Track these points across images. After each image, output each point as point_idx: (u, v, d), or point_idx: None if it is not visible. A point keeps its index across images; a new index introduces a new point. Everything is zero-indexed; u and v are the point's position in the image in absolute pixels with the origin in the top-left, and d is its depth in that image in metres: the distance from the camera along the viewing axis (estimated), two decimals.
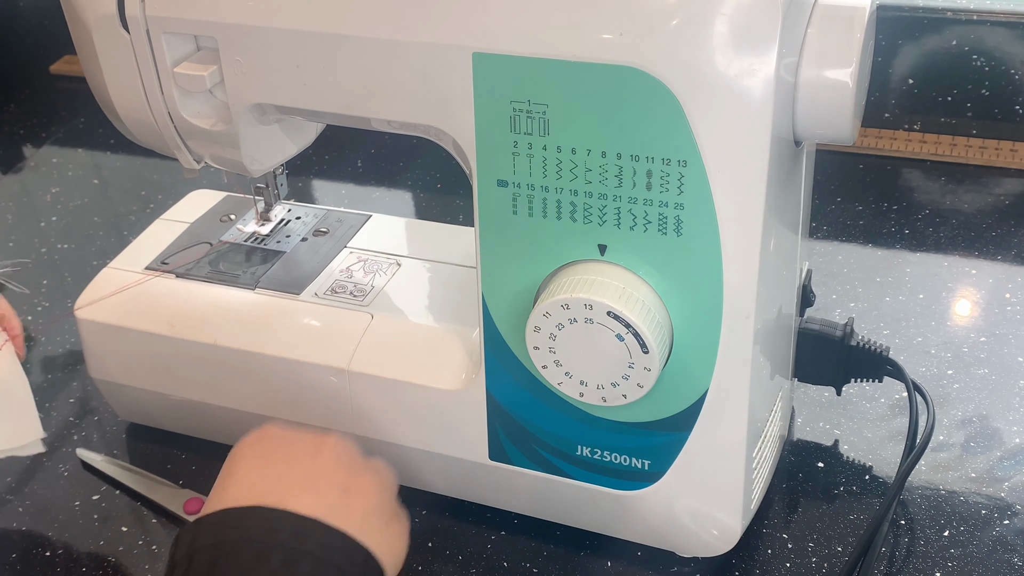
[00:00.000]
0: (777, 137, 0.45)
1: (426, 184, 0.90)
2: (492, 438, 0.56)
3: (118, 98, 0.56)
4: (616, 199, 0.47)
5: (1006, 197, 0.84)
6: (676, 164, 0.45)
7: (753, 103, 0.43)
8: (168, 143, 0.57)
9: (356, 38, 0.49)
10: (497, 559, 0.58)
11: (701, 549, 0.56)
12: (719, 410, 0.51)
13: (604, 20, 0.44)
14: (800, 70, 0.45)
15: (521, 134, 0.47)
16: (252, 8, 0.50)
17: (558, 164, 0.47)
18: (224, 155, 0.57)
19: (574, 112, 0.46)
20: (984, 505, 0.59)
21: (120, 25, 0.53)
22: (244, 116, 0.54)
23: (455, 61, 0.47)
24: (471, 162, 0.49)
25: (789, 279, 0.56)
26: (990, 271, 0.77)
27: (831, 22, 0.46)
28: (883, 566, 0.56)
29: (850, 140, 0.47)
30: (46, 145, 1.02)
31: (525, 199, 0.49)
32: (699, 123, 0.44)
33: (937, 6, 0.87)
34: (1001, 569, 0.55)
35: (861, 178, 0.88)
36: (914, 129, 0.91)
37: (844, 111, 0.46)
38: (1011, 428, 0.64)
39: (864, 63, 0.46)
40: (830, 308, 0.74)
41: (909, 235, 0.81)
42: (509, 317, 0.52)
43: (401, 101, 0.49)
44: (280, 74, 0.51)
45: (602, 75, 0.44)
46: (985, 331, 0.71)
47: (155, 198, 0.92)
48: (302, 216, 0.69)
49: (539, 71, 0.45)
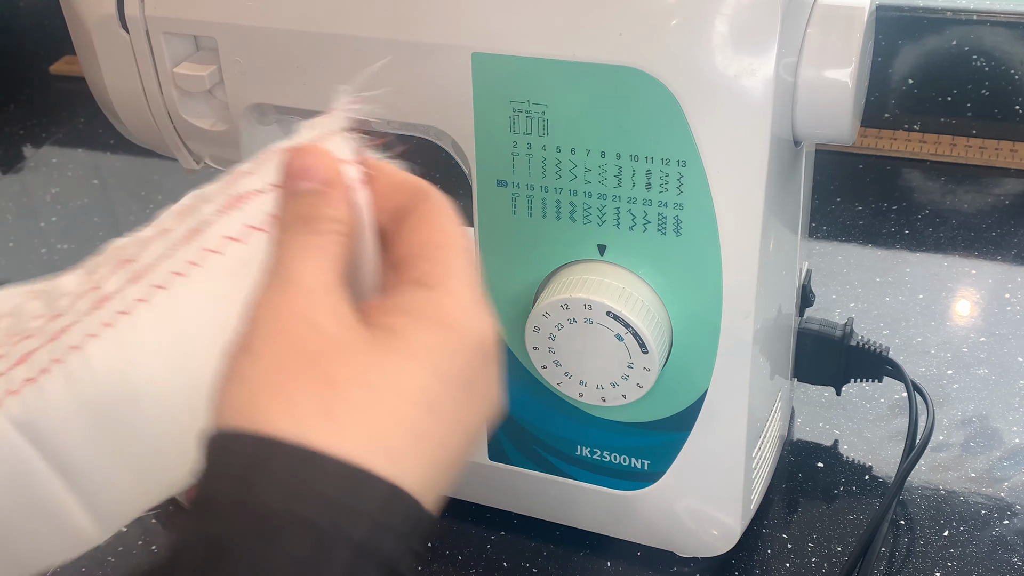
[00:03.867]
0: (777, 137, 0.45)
1: None
2: (491, 438, 0.56)
3: (117, 98, 0.56)
4: (615, 199, 0.47)
5: (1006, 197, 0.84)
6: (675, 164, 0.45)
7: (752, 103, 0.43)
8: (168, 143, 0.57)
9: (355, 38, 0.49)
10: (497, 559, 0.58)
11: (701, 549, 0.56)
12: (719, 410, 0.50)
13: (603, 20, 0.44)
14: (799, 70, 0.45)
15: (520, 134, 0.47)
16: (252, 8, 0.50)
17: (557, 164, 0.47)
18: (224, 155, 0.57)
19: (573, 112, 0.46)
20: (984, 505, 0.59)
21: (120, 25, 0.53)
22: (244, 116, 0.54)
23: (454, 61, 0.47)
24: (470, 162, 0.49)
25: (789, 279, 0.56)
26: (990, 271, 0.77)
27: (830, 22, 0.46)
28: (883, 566, 0.56)
29: (850, 140, 0.47)
30: (46, 145, 1.02)
31: (524, 199, 0.49)
32: (698, 123, 0.44)
33: (937, 6, 0.87)
34: (1001, 569, 0.55)
35: (861, 178, 0.88)
36: (914, 129, 0.91)
37: (843, 111, 0.46)
38: (1011, 428, 0.64)
39: (864, 63, 0.46)
40: (830, 308, 0.74)
41: (909, 235, 0.81)
42: (508, 317, 0.52)
43: (400, 101, 0.49)
44: (280, 74, 0.51)
45: (601, 75, 0.44)
46: (985, 331, 0.71)
47: (155, 198, 0.92)
48: None
49: (538, 71, 0.45)
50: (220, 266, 0.33)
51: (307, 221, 0.32)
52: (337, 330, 0.30)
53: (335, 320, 0.30)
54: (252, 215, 0.34)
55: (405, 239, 0.34)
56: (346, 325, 0.30)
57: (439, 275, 0.32)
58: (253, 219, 0.34)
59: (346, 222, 0.33)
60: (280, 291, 0.31)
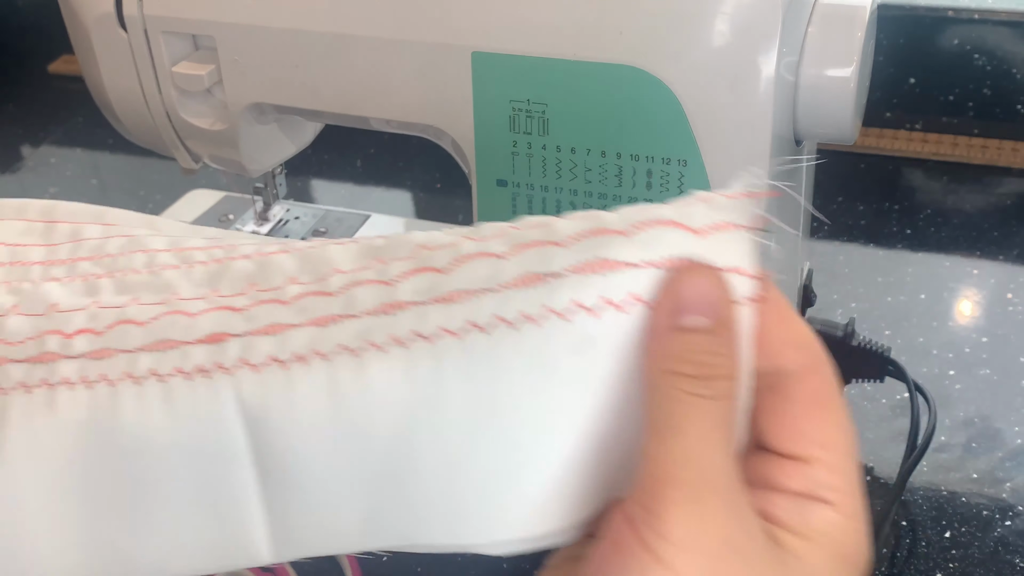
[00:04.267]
0: (778, 136, 0.45)
1: (425, 184, 0.90)
2: None
3: (116, 98, 0.56)
4: (616, 199, 0.47)
5: (1008, 197, 0.84)
6: (676, 164, 0.45)
7: (754, 102, 0.43)
8: (166, 143, 0.57)
9: (355, 37, 0.48)
10: (497, 560, 0.58)
11: None
12: None
13: (603, 19, 0.44)
14: (801, 69, 0.45)
15: (520, 133, 0.47)
16: (250, 7, 0.50)
17: (558, 164, 0.47)
18: (222, 155, 0.57)
19: (574, 111, 0.45)
20: (986, 506, 0.59)
21: (118, 24, 0.53)
22: (242, 115, 0.54)
23: (454, 60, 0.47)
24: (470, 162, 0.49)
25: (790, 279, 0.55)
26: (992, 271, 0.77)
27: (832, 21, 0.45)
28: (884, 567, 0.56)
29: (851, 139, 0.47)
30: (44, 145, 1.01)
31: (525, 199, 0.49)
32: (699, 122, 0.44)
33: (938, 5, 0.87)
34: (1003, 570, 0.55)
35: (862, 178, 0.88)
36: (915, 129, 0.91)
37: (845, 110, 0.46)
38: (1013, 429, 0.64)
39: (865, 62, 0.46)
40: (831, 308, 0.73)
41: (911, 235, 0.81)
42: None
43: (400, 100, 0.49)
44: (279, 73, 0.51)
45: (602, 74, 0.44)
46: (987, 331, 0.71)
47: (154, 198, 0.91)
48: (301, 216, 0.69)
49: (538, 70, 0.45)
50: (560, 334, 0.27)
51: (701, 376, 0.26)
52: (751, 551, 0.25)
53: (747, 537, 0.25)
54: (614, 288, 0.27)
55: (790, 418, 0.27)
56: (756, 543, 0.25)
57: (841, 490, 0.27)
58: (615, 293, 0.27)
59: (738, 378, 0.27)
60: (683, 475, 0.25)
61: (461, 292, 0.28)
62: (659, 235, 0.28)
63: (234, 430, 0.28)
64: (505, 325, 0.27)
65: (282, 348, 0.28)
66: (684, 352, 0.26)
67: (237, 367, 0.28)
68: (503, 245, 0.29)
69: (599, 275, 0.27)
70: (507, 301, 0.27)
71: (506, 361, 0.27)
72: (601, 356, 0.27)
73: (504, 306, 0.27)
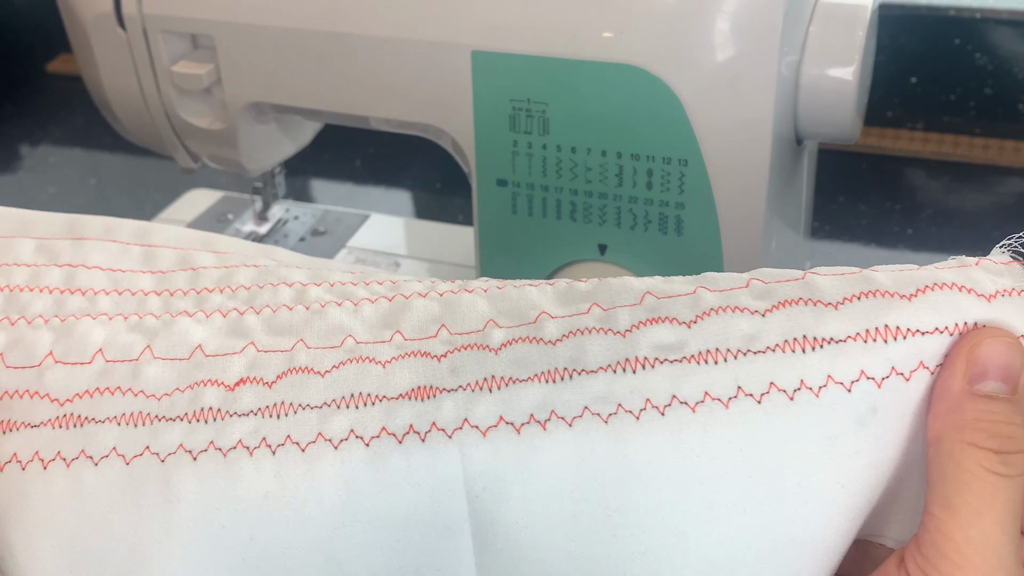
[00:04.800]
0: (779, 136, 0.45)
1: (425, 184, 0.90)
2: None
3: (115, 97, 0.56)
4: (616, 198, 0.47)
5: (1010, 196, 0.84)
6: (677, 163, 0.45)
7: (754, 101, 0.43)
8: (165, 142, 0.57)
9: (354, 36, 0.48)
10: None
11: None
12: None
13: (604, 18, 0.43)
14: (802, 68, 0.45)
15: (520, 133, 0.47)
16: (250, 7, 0.50)
17: (558, 163, 0.47)
18: (222, 154, 0.57)
19: (574, 111, 0.45)
20: None
21: (117, 23, 0.53)
22: (241, 115, 0.54)
23: (454, 59, 0.46)
24: (470, 161, 0.49)
25: None
26: None
27: (833, 20, 0.45)
28: None
29: (852, 139, 0.47)
30: (43, 144, 1.01)
31: (525, 198, 0.49)
32: (700, 122, 0.44)
33: (940, 4, 0.87)
34: None
35: (864, 178, 0.88)
36: (917, 128, 0.91)
37: (846, 109, 0.45)
38: None
39: (866, 61, 0.46)
40: None
41: (912, 235, 0.80)
42: None
43: (399, 100, 0.49)
44: (278, 73, 0.51)
45: (602, 73, 0.44)
46: None
47: (152, 198, 0.91)
48: (300, 216, 0.68)
49: (538, 69, 0.45)
50: (842, 405, 0.25)
51: (1003, 451, 0.25)
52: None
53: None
54: (902, 356, 0.26)
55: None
56: None
57: None
58: (903, 362, 0.26)
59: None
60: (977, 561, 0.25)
61: (717, 351, 0.25)
62: (948, 300, 0.26)
63: (456, 498, 0.25)
64: (779, 393, 0.25)
65: (509, 407, 0.25)
66: (981, 421, 0.25)
67: (458, 428, 0.25)
68: (754, 299, 0.26)
69: (886, 343, 0.26)
70: (781, 365, 0.25)
71: (781, 432, 0.25)
72: (882, 426, 0.25)
73: (779, 371, 0.25)
